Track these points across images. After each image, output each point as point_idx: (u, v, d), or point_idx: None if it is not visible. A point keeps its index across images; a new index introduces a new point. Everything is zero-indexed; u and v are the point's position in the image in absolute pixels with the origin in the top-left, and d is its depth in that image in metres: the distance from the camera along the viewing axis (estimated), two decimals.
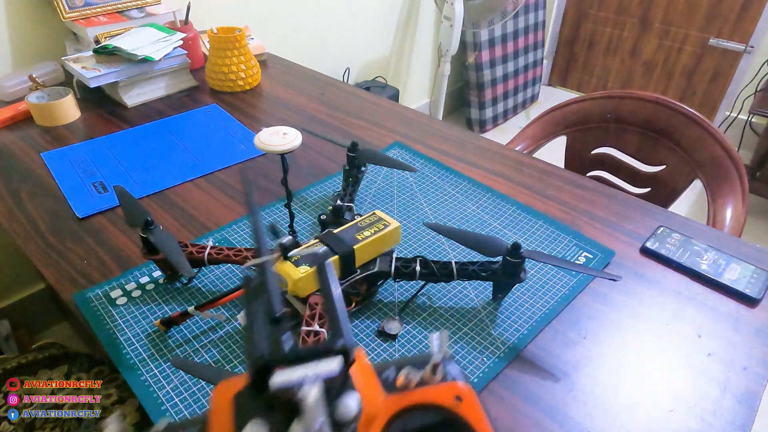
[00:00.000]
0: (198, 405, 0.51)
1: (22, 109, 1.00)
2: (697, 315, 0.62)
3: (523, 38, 2.49)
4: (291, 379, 0.22)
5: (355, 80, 2.07)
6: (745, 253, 0.70)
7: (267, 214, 0.77)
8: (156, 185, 0.83)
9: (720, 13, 2.32)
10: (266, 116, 1.06)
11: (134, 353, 0.56)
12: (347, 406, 0.23)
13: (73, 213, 0.76)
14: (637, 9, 2.54)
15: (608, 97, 1.17)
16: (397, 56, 2.21)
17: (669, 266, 0.68)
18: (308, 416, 0.21)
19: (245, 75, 1.13)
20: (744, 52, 2.31)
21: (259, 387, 0.23)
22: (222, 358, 0.56)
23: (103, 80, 1.02)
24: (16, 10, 1.11)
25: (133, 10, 1.16)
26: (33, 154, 0.91)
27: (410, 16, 2.16)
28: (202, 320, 0.59)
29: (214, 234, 0.73)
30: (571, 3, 2.76)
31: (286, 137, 0.58)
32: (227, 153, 0.92)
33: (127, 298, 0.63)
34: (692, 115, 1.06)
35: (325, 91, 1.16)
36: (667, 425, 0.50)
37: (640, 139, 1.15)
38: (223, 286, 0.64)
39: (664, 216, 0.78)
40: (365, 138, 0.97)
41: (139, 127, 1.00)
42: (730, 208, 0.98)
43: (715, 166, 1.03)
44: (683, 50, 2.49)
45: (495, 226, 0.75)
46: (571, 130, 1.22)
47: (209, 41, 1.11)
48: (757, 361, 0.56)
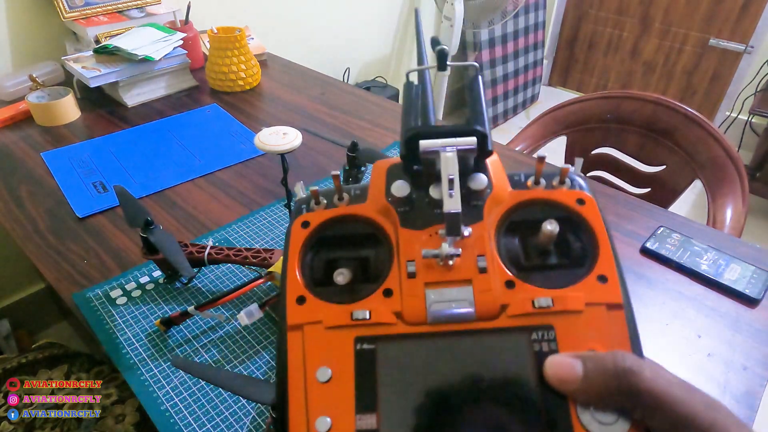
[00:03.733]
0: (198, 405, 0.51)
1: (22, 108, 1.00)
2: (697, 315, 0.62)
3: (523, 38, 2.49)
4: (435, 144, 0.26)
5: (355, 80, 2.07)
6: (745, 253, 0.70)
7: (267, 214, 0.77)
8: (156, 185, 0.83)
9: (720, 13, 2.32)
10: (266, 116, 1.06)
11: (134, 353, 0.56)
12: (479, 179, 0.28)
13: (73, 213, 0.76)
14: (637, 9, 2.54)
15: (608, 97, 1.17)
16: (397, 56, 2.21)
17: (669, 266, 0.68)
18: (443, 169, 0.26)
19: (245, 75, 1.13)
20: (744, 53, 2.31)
21: (408, 159, 0.28)
22: (222, 358, 0.56)
23: (103, 80, 1.02)
24: (17, 10, 1.11)
25: (133, 10, 1.16)
26: (33, 154, 0.91)
27: (410, 16, 2.16)
28: (202, 320, 0.59)
29: (214, 234, 0.73)
30: (571, 3, 2.76)
31: (286, 137, 0.58)
32: (227, 153, 0.92)
33: (127, 298, 0.63)
34: (692, 116, 1.06)
35: (325, 91, 1.16)
36: None
37: (640, 139, 1.15)
38: (223, 286, 0.64)
39: (664, 216, 0.78)
40: (365, 138, 0.97)
41: (139, 127, 1.00)
42: (730, 209, 0.98)
43: (715, 166, 1.03)
44: (683, 50, 2.49)
45: None
46: (571, 130, 1.22)
47: (209, 41, 1.11)
48: (757, 362, 0.56)
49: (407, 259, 0.26)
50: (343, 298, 0.26)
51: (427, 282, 0.26)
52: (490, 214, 0.28)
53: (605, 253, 0.26)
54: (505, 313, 0.25)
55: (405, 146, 0.27)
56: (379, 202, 0.29)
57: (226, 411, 0.51)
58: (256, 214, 0.77)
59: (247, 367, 0.55)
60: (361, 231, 0.29)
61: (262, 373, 0.54)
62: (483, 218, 0.27)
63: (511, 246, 0.28)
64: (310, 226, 0.29)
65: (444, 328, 0.25)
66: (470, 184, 0.28)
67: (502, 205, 0.28)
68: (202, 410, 0.51)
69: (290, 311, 0.26)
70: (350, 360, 0.25)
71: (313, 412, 0.24)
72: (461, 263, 0.26)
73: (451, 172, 0.25)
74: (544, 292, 0.25)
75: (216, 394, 0.52)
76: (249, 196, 0.81)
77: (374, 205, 0.29)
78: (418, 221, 0.27)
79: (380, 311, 0.25)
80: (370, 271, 0.28)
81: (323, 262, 0.28)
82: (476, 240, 0.27)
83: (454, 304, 0.25)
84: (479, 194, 0.28)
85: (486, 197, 0.28)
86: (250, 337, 0.58)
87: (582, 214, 0.28)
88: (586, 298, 0.25)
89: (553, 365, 0.23)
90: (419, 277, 0.26)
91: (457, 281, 0.25)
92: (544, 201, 0.29)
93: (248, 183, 0.85)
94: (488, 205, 0.28)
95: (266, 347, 0.57)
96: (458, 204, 0.25)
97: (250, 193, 0.82)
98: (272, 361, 0.56)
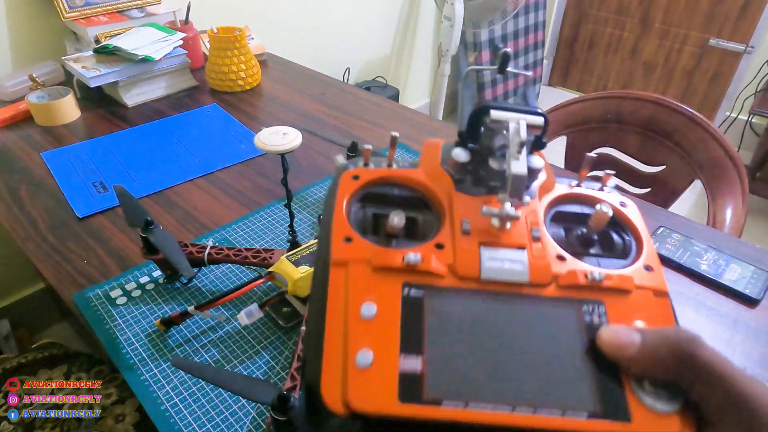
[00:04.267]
0: (198, 405, 0.51)
1: (23, 108, 1.00)
2: (696, 315, 0.62)
3: (523, 38, 2.48)
4: (506, 115, 0.27)
5: (355, 80, 2.07)
6: (745, 253, 0.70)
7: (267, 214, 0.77)
8: (156, 185, 0.83)
9: (720, 13, 2.32)
10: (266, 116, 1.06)
11: (134, 353, 0.56)
12: (536, 160, 0.29)
13: (73, 213, 0.76)
14: (637, 9, 2.54)
15: (608, 98, 1.17)
16: (397, 56, 2.21)
17: (669, 266, 0.68)
18: (513, 134, 0.26)
19: (245, 75, 1.13)
20: (744, 53, 2.31)
21: (469, 135, 0.29)
22: (222, 358, 0.56)
23: (103, 80, 1.02)
24: (16, 9, 1.11)
25: (133, 10, 1.16)
26: (33, 154, 0.90)
27: (410, 16, 2.16)
28: (202, 320, 0.59)
29: (214, 234, 0.73)
30: (571, 3, 2.76)
31: (286, 137, 0.58)
32: (227, 153, 0.92)
33: (127, 298, 0.63)
34: (692, 116, 1.06)
35: (325, 91, 1.16)
36: None
37: (640, 139, 1.14)
38: (223, 286, 0.64)
39: (664, 216, 0.78)
40: (365, 138, 0.97)
41: (139, 126, 1.00)
42: (730, 209, 0.98)
43: (715, 166, 1.03)
44: (683, 50, 2.49)
45: None
46: (571, 130, 1.22)
47: (209, 41, 1.11)
48: (757, 362, 0.56)
49: (462, 218, 0.26)
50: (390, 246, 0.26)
51: (481, 241, 0.26)
52: (542, 198, 0.29)
53: (650, 248, 0.27)
54: (556, 283, 0.25)
55: (470, 120, 0.28)
56: (433, 170, 0.29)
57: (226, 411, 0.51)
58: (256, 214, 0.77)
59: (247, 367, 0.55)
60: (410, 194, 0.29)
61: (262, 373, 0.54)
62: (537, 197, 0.28)
63: (556, 234, 0.28)
64: (360, 179, 0.29)
65: (494, 288, 0.25)
66: (529, 163, 0.28)
67: (551, 193, 0.29)
68: (202, 410, 0.51)
69: (336, 248, 0.25)
70: (397, 303, 0.24)
71: (353, 346, 0.23)
72: (516, 229, 0.26)
73: (522, 136, 0.26)
74: (595, 269, 0.26)
75: (216, 394, 0.52)
76: (249, 196, 0.81)
77: (426, 171, 0.29)
78: (474, 189, 0.28)
79: (432, 260, 0.25)
80: (417, 232, 0.28)
81: (370, 216, 0.28)
82: (531, 214, 0.27)
83: (508, 264, 0.25)
84: (534, 174, 0.29)
85: (539, 181, 0.29)
86: (250, 337, 0.58)
87: (625, 215, 0.29)
88: (635, 280, 0.26)
89: (609, 332, 0.23)
90: (474, 235, 0.26)
91: (512, 245, 0.26)
92: (590, 197, 0.30)
93: (248, 183, 0.85)
94: (541, 189, 0.29)
95: (266, 347, 0.57)
96: (525, 167, 0.25)
97: (250, 193, 0.82)
98: (272, 361, 0.55)
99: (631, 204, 0.30)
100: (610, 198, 0.30)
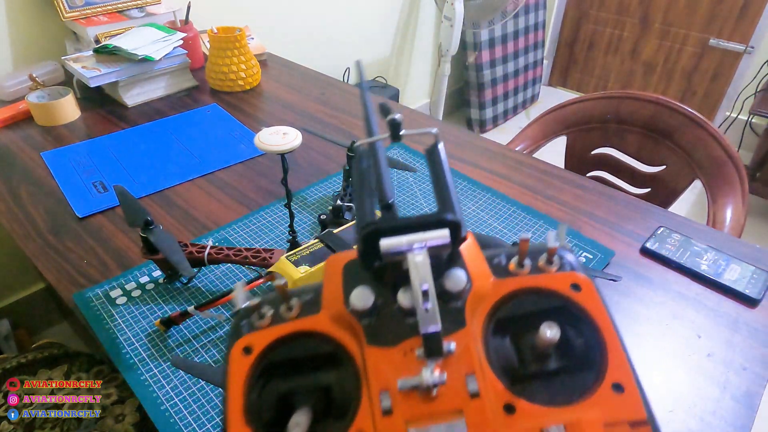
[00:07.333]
0: (198, 404, 0.51)
1: (23, 108, 1.00)
2: (696, 315, 0.62)
3: (523, 38, 2.49)
4: (400, 243, 0.22)
5: (356, 80, 2.07)
6: (745, 253, 0.70)
7: (267, 214, 0.77)
8: (156, 185, 0.83)
9: (720, 13, 2.32)
10: (266, 116, 1.06)
11: (134, 353, 0.56)
12: (456, 277, 0.23)
13: (73, 213, 0.76)
14: (637, 9, 2.54)
15: (608, 98, 1.17)
16: (397, 56, 2.21)
17: (669, 266, 0.68)
18: (414, 278, 0.21)
19: (245, 75, 1.13)
20: (744, 53, 2.31)
21: (367, 257, 0.23)
22: (222, 358, 0.56)
23: (103, 80, 1.02)
24: (17, 10, 1.11)
25: (133, 10, 1.16)
26: (33, 154, 0.90)
27: (410, 16, 2.16)
28: (201, 320, 0.59)
29: (214, 234, 0.73)
30: (571, 3, 2.76)
31: (286, 137, 0.58)
32: (227, 153, 0.92)
33: (127, 297, 0.63)
34: (692, 116, 1.06)
35: (325, 91, 1.16)
36: (667, 425, 0.50)
37: (640, 139, 1.15)
38: (223, 286, 0.64)
39: (664, 216, 0.78)
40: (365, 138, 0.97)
41: (139, 126, 1.00)
42: (730, 209, 0.98)
43: (715, 166, 1.03)
44: (683, 50, 2.49)
45: (495, 226, 0.75)
46: (571, 131, 1.22)
47: (209, 41, 1.11)
48: (757, 362, 0.56)
49: (380, 389, 0.21)
50: None
51: (408, 419, 0.21)
52: (474, 315, 0.23)
53: (615, 353, 0.22)
54: None
55: (363, 243, 0.23)
56: (336, 310, 0.24)
57: None
58: (256, 214, 0.77)
59: None
60: (318, 350, 0.24)
61: None
62: (466, 324, 0.23)
63: (502, 350, 0.23)
64: (253, 352, 0.24)
65: None
66: (446, 285, 0.23)
67: (486, 301, 0.24)
68: (202, 410, 0.51)
69: None
70: None
71: None
72: (448, 389, 0.21)
73: (423, 280, 0.21)
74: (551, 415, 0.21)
75: (216, 394, 0.52)
76: (249, 196, 0.82)
77: (331, 316, 0.24)
78: (389, 335, 0.23)
79: None
80: (335, 403, 0.23)
81: (274, 398, 0.24)
82: (462, 355, 0.22)
83: None
84: (458, 295, 0.23)
85: (466, 296, 0.23)
86: None
87: (579, 303, 0.24)
88: (603, 416, 0.21)
89: None
90: (397, 414, 0.21)
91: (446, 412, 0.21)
92: (534, 290, 0.24)
93: (248, 183, 0.85)
94: (470, 304, 0.23)
95: None
96: (437, 320, 0.21)
97: (250, 193, 0.82)
98: None
99: (586, 283, 0.24)
100: (559, 280, 0.24)
